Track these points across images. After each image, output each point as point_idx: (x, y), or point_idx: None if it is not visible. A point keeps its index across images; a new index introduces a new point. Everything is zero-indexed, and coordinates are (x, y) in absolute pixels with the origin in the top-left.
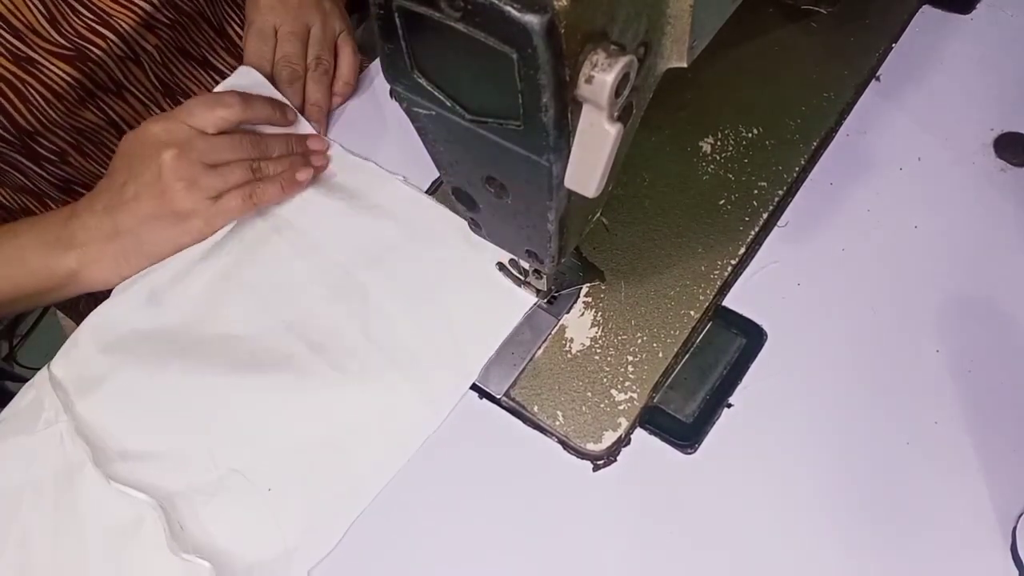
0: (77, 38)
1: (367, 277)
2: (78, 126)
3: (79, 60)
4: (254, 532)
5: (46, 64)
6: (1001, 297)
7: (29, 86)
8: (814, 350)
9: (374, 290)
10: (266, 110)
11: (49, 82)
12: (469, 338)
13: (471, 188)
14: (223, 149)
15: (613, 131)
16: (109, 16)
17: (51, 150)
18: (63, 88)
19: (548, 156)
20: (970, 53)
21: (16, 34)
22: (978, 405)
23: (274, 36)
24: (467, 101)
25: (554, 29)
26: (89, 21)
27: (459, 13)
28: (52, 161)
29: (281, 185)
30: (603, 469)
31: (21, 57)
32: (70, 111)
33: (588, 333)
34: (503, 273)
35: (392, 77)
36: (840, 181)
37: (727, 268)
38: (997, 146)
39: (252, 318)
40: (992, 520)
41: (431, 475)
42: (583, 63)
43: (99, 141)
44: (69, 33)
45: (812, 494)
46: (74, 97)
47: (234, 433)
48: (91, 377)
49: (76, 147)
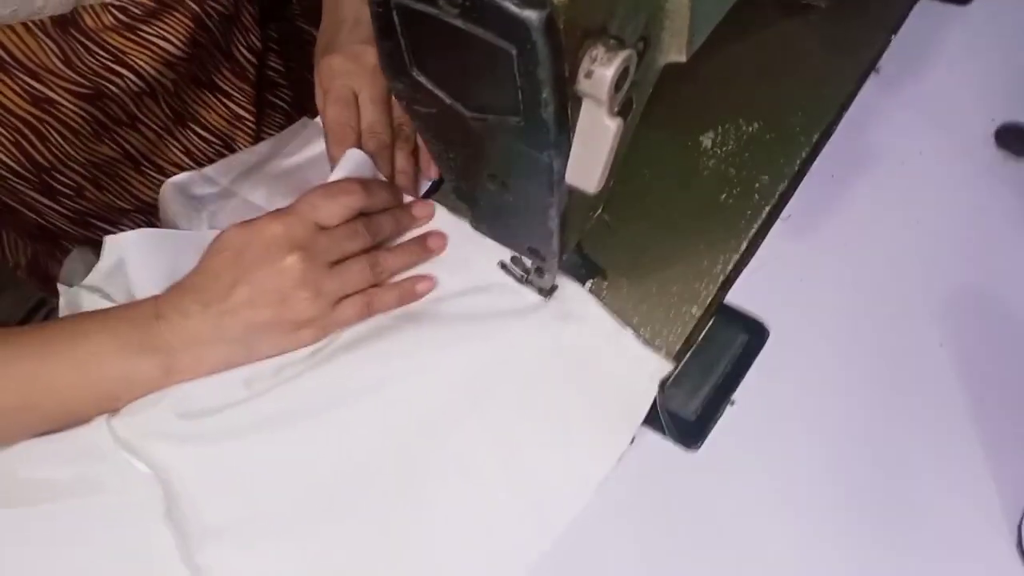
0: (93, 76)
1: (473, 368)
2: (94, 160)
3: (96, 97)
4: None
5: (63, 103)
6: (1005, 289)
7: (47, 125)
8: (817, 345)
9: (483, 386)
10: (384, 194)
11: (66, 119)
12: (584, 446)
13: (472, 185)
14: (343, 241)
15: (613, 126)
16: (124, 55)
17: (67, 185)
18: (79, 124)
19: (549, 152)
20: (969, 44)
21: (33, 75)
22: (982, 399)
23: (355, 103)
24: (467, 98)
25: (553, 24)
26: (104, 60)
27: (458, 9)
28: (68, 195)
29: (399, 296)
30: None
31: (40, 98)
32: (86, 146)
33: None
34: (505, 271)
35: (392, 75)
36: (841, 175)
37: (729, 264)
38: (998, 137)
39: (356, 417)
40: (997, 515)
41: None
42: (582, 58)
43: (114, 174)
44: (85, 72)
45: (816, 490)
46: (90, 132)
47: (334, 538)
48: (168, 436)
49: (92, 180)
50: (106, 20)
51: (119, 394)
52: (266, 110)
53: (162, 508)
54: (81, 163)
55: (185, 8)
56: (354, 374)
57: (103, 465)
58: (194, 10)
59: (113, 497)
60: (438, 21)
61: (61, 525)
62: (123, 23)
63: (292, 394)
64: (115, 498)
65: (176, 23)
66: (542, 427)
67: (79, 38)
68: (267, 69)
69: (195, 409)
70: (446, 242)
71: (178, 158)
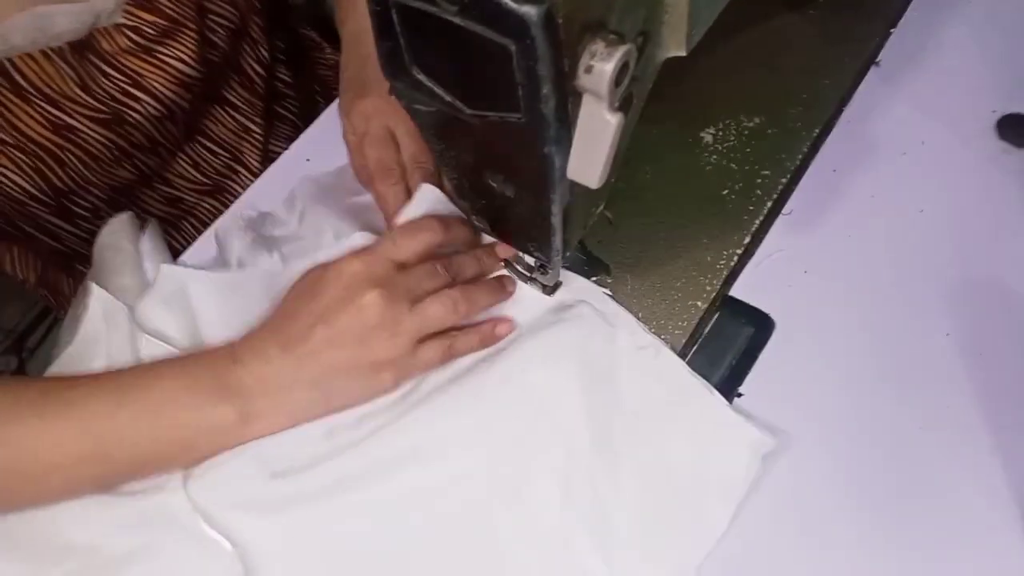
0: (112, 101)
1: (570, 418)
2: (112, 183)
3: (116, 123)
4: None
5: (83, 129)
6: (1009, 278)
7: (67, 151)
8: (823, 338)
9: (579, 437)
10: (463, 230)
11: (86, 145)
12: (685, 527)
13: (474, 183)
14: (424, 279)
15: (614, 121)
16: (141, 77)
17: (85, 207)
18: (99, 150)
19: (550, 148)
20: (969, 35)
21: (52, 102)
22: (991, 387)
23: (393, 140)
24: (467, 95)
25: (552, 20)
26: (122, 84)
27: (456, 7)
28: (85, 218)
29: (481, 339)
30: None
31: (60, 125)
32: (105, 170)
33: None
34: (509, 270)
35: (391, 74)
36: (843, 167)
37: (733, 258)
38: (999, 128)
39: (444, 467)
40: (1008, 503)
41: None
42: (582, 53)
43: (131, 195)
44: (103, 97)
45: (825, 481)
46: (110, 157)
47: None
48: (260, 503)
49: (109, 202)
50: (121, 43)
51: (194, 443)
52: (273, 121)
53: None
54: (99, 187)
55: (194, 25)
56: (434, 427)
57: (173, 534)
58: (200, 28)
59: (184, 568)
60: (437, 19)
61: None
62: (139, 45)
63: (375, 448)
64: (187, 570)
65: (187, 41)
66: (638, 499)
67: (96, 63)
68: (275, 80)
69: (278, 468)
70: (515, 285)
71: (187, 172)
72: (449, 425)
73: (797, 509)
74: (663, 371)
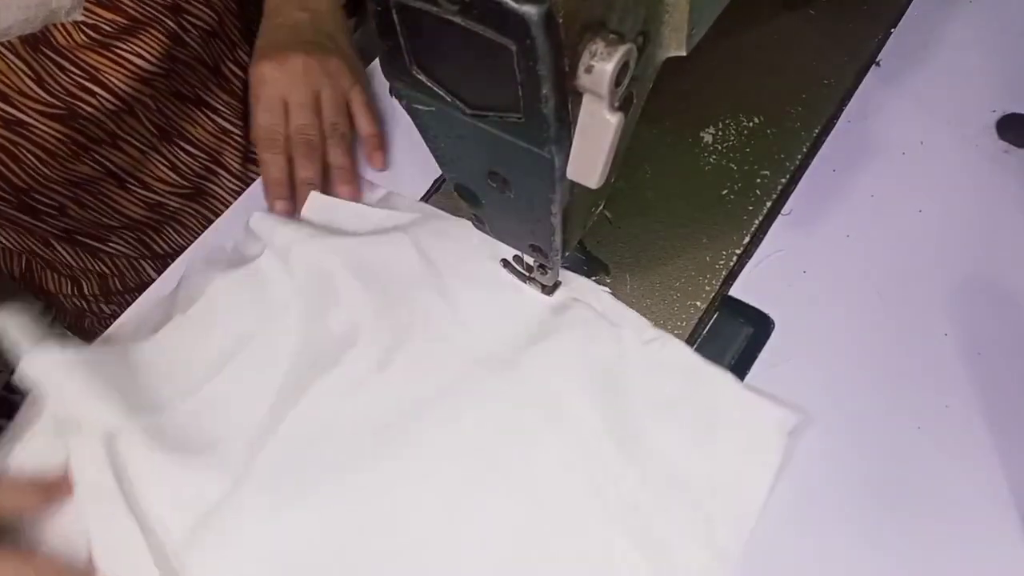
0: (67, 96)
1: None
2: (73, 179)
3: (69, 118)
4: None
5: (36, 124)
6: (1008, 278)
7: (21, 148)
8: (822, 338)
9: (594, 426)
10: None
11: (41, 141)
12: (722, 510)
13: (473, 184)
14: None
15: (614, 121)
16: (98, 72)
17: (49, 204)
18: (55, 145)
19: (550, 148)
20: (969, 35)
21: (5, 99)
22: (989, 388)
23: (284, 108)
24: (467, 95)
25: (552, 19)
26: (78, 78)
27: (457, 7)
28: (51, 215)
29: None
30: None
31: (11, 121)
32: (64, 166)
33: None
34: (507, 270)
35: (391, 74)
36: (843, 167)
37: (732, 258)
38: (999, 128)
39: (471, 469)
40: (1007, 503)
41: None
42: (582, 53)
43: (96, 192)
44: (58, 92)
45: (824, 481)
46: (67, 152)
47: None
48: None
49: (74, 199)
50: (78, 38)
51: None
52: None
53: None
54: (59, 182)
55: (161, 25)
56: (446, 445)
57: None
58: (170, 26)
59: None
60: (437, 19)
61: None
62: (96, 40)
63: (390, 468)
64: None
65: (151, 39)
66: (668, 491)
67: (52, 56)
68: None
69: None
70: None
71: (164, 174)
72: (464, 443)
73: (796, 509)
74: (674, 361)
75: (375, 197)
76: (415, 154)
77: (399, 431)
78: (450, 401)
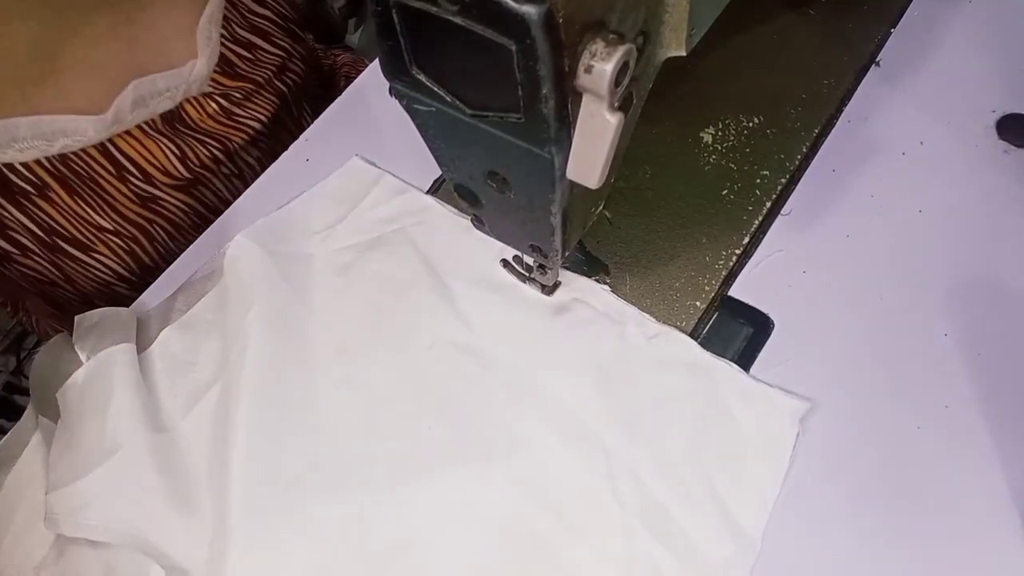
0: (202, 168)
1: (603, 424)
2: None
3: (192, 186)
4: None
5: (166, 198)
6: (1008, 279)
7: (155, 224)
8: (821, 338)
9: (613, 440)
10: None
11: (170, 215)
12: (740, 500)
13: (473, 184)
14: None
15: (614, 121)
16: (229, 140)
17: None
18: (180, 217)
19: (549, 148)
20: (970, 35)
21: (147, 178)
22: (989, 388)
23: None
24: (467, 95)
25: (552, 19)
26: (213, 150)
27: (457, 7)
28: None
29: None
30: None
31: (147, 197)
32: (186, 239)
33: None
34: (507, 270)
35: (391, 74)
36: (843, 168)
37: (732, 258)
38: (999, 128)
39: (482, 474)
40: (1007, 503)
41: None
42: (582, 53)
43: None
44: (196, 166)
45: (824, 481)
46: (190, 224)
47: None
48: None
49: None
50: (210, 109)
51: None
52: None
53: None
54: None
55: (271, 87)
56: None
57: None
58: (279, 87)
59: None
60: (437, 19)
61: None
62: (225, 110)
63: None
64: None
65: (265, 102)
66: (684, 488)
67: (189, 132)
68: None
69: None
70: None
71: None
72: (467, 446)
73: (795, 509)
74: (679, 355)
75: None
76: (415, 154)
77: (400, 433)
78: (452, 403)
